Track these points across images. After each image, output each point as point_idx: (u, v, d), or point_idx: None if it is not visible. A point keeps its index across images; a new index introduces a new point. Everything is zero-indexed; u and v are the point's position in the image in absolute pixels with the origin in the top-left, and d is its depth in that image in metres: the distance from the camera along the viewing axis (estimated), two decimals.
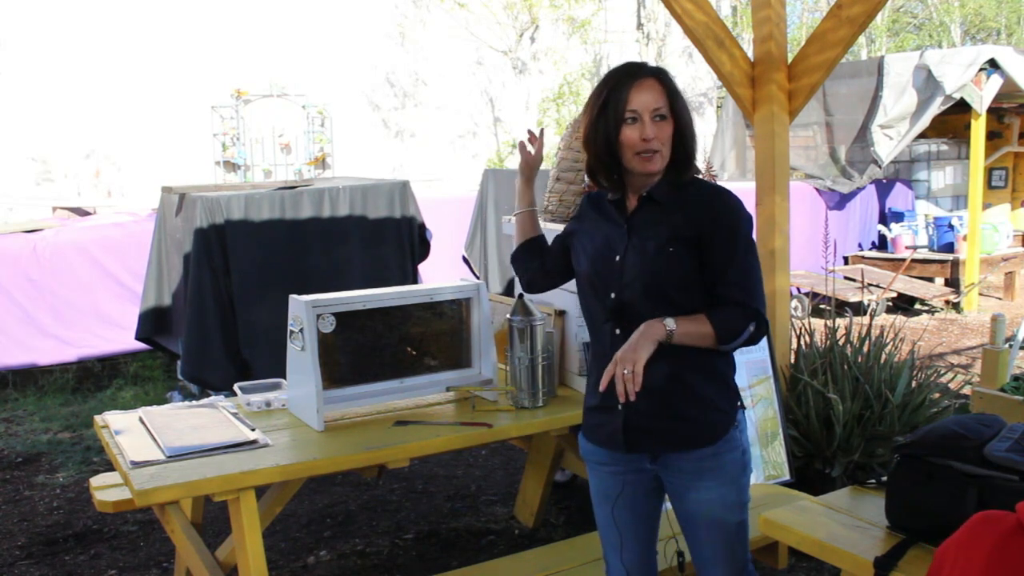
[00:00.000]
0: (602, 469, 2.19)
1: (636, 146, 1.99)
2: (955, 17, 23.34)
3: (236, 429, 2.68)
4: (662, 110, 1.99)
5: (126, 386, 6.27)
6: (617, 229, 2.10)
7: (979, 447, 1.89)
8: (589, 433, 2.20)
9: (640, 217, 2.08)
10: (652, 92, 1.99)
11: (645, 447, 2.10)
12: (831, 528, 2.06)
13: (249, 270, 5.07)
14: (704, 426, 2.07)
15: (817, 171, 8.97)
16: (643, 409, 2.04)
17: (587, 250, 2.16)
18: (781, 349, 3.69)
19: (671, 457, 2.09)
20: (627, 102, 1.97)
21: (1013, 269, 8.93)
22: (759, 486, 3.24)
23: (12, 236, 6.07)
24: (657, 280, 2.02)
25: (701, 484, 2.08)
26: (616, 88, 1.99)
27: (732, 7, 17.57)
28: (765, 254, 3.84)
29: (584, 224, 2.22)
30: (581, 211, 2.26)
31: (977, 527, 1.28)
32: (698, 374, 2.06)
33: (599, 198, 2.20)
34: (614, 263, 2.07)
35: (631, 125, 1.98)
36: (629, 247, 2.06)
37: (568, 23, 13.39)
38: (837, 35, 3.57)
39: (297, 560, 3.59)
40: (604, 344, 2.10)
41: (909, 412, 3.57)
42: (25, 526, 4.03)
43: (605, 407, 2.10)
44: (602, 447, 2.16)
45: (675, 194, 2.06)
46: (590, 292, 2.14)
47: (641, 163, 2.00)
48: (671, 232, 2.02)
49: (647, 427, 2.07)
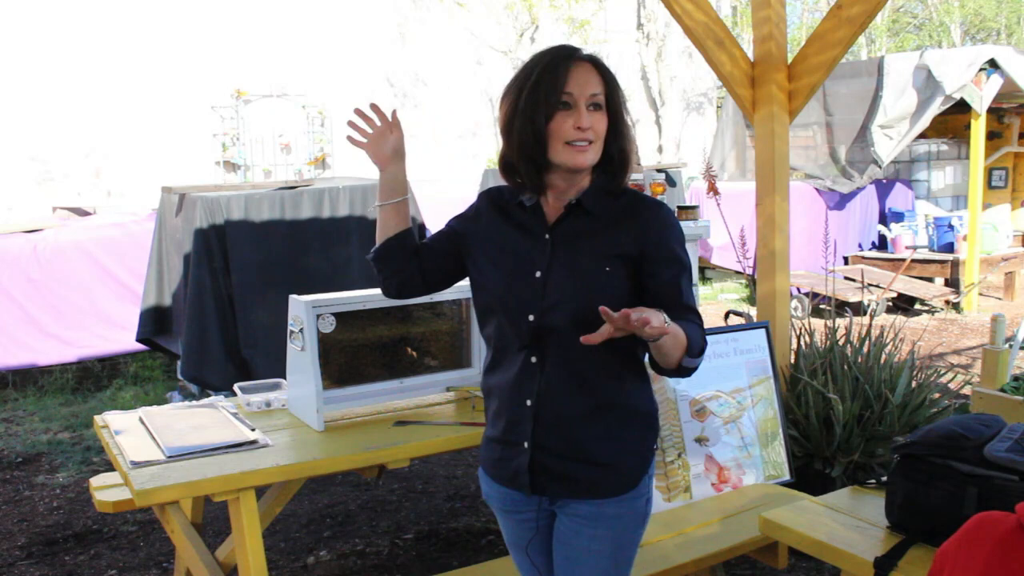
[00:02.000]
0: (510, 517, 1.92)
1: (568, 134, 1.71)
2: (955, 17, 23.34)
3: (236, 429, 2.68)
4: (599, 98, 1.73)
5: (126, 386, 6.27)
6: (535, 240, 1.79)
7: (979, 447, 1.89)
8: (491, 467, 1.89)
9: (566, 228, 1.79)
10: (590, 77, 1.73)
11: (548, 491, 1.82)
12: (831, 528, 2.06)
13: (249, 270, 5.07)
14: (616, 474, 1.79)
15: (817, 171, 8.97)
16: (552, 448, 1.78)
17: (495, 261, 1.83)
18: (781, 349, 3.69)
19: (571, 501, 1.81)
20: (564, 84, 1.70)
21: (1013, 269, 8.93)
22: (759, 486, 3.24)
23: (12, 236, 6.07)
24: (589, 303, 1.66)
25: (595, 532, 1.80)
26: (550, 69, 1.71)
27: (732, 7, 17.58)
28: (765, 254, 3.84)
29: (484, 228, 1.87)
30: (478, 211, 1.91)
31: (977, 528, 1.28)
32: (619, 411, 1.80)
33: (503, 199, 1.88)
34: (533, 280, 1.76)
35: (564, 111, 1.71)
36: (554, 263, 1.76)
37: (568, 23, 13.39)
38: (837, 35, 3.57)
39: (297, 560, 3.59)
40: (511, 373, 1.80)
41: (909, 412, 3.57)
42: (25, 526, 4.03)
43: (509, 442, 1.83)
44: (505, 487, 1.86)
45: (608, 204, 1.79)
46: (500, 311, 1.80)
47: (571, 155, 1.72)
48: (608, 248, 1.75)
49: (554, 469, 1.79)
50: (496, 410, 1.86)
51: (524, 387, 1.78)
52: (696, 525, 2.92)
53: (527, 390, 1.78)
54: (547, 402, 1.77)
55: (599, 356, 1.73)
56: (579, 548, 1.81)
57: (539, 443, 1.78)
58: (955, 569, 1.25)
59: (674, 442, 3.16)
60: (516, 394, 1.79)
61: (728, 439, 3.26)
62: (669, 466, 3.13)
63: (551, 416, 1.77)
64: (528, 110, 1.72)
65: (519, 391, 1.78)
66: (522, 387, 1.78)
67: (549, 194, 1.81)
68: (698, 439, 3.21)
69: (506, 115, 1.77)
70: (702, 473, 3.18)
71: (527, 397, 1.78)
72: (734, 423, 3.29)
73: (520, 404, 1.79)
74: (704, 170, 4.38)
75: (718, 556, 2.75)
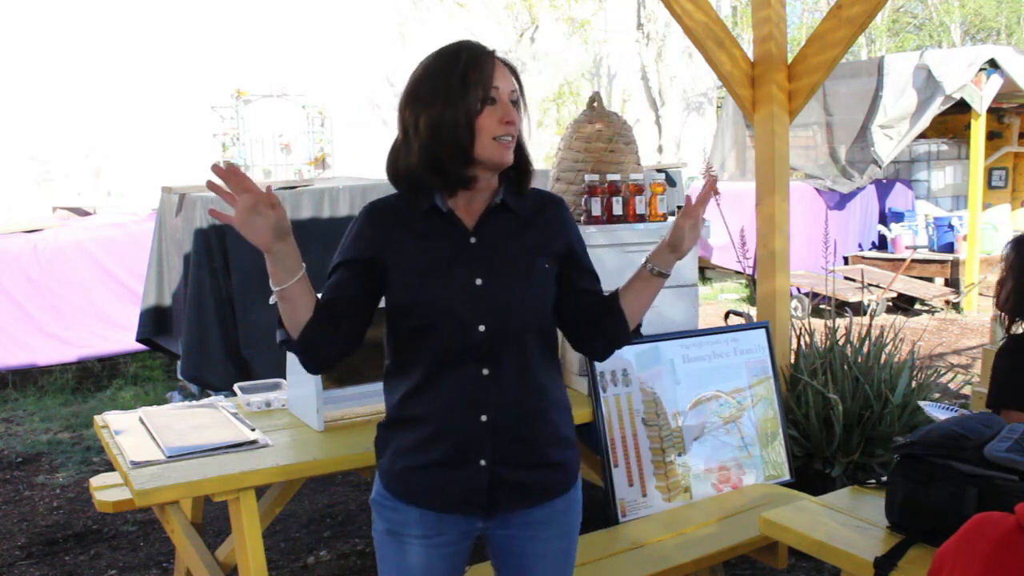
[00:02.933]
0: (418, 543, 1.72)
1: (495, 129, 1.63)
2: (955, 17, 23.35)
3: (236, 429, 2.68)
4: (516, 95, 1.68)
5: (126, 386, 6.27)
6: (459, 246, 1.69)
7: (979, 447, 1.89)
8: (428, 497, 1.70)
9: (491, 229, 1.72)
10: (507, 74, 1.67)
11: (502, 506, 1.71)
12: (831, 528, 2.06)
13: (249, 270, 5.07)
14: (565, 471, 1.78)
15: (817, 171, 8.97)
16: (512, 459, 1.70)
17: (424, 276, 1.68)
18: (781, 349, 3.69)
19: (522, 511, 1.74)
20: (492, 77, 1.64)
21: None
22: (759, 486, 3.24)
23: (12, 236, 6.07)
24: (535, 303, 1.71)
25: (549, 534, 1.76)
26: (475, 63, 1.64)
27: (732, 7, 17.58)
28: (765, 254, 3.84)
29: (393, 246, 1.70)
30: (373, 231, 1.71)
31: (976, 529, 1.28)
32: (560, 408, 1.79)
33: (396, 212, 1.73)
34: (474, 288, 1.67)
35: (491, 106, 1.64)
36: (491, 267, 1.69)
37: (568, 23, 13.39)
38: (837, 35, 3.57)
39: (297, 560, 3.59)
40: (458, 392, 1.68)
41: (909, 412, 3.57)
42: (25, 526, 4.03)
43: (457, 464, 1.68)
44: (447, 513, 1.71)
45: (522, 202, 1.76)
46: (443, 328, 1.66)
47: (499, 151, 1.65)
48: (539, 245, 1.74)
49: (512, 481, 1.70)
50: (431, 436, 1.69)
51: (478, 402, 1.67)
52: (696, 525, 2.92)
53: (482, 405, 1.67)
54: (505, 413, 1.68)
55: (546, 354, 1.76)
56: (534, 555, 1.76)
57: (499, 458, 1.69)
58: (954, 570, 1.25)
59: (674, 442, 3.16)
60: (467, 412, 1.67)
61: (728, 439, 3.26)
62: (669, 466, 3.13)
63: (510, 427, 1.69)
64: (459, 105, 1.62)
65: (471, 408, 1.67)
66: (476, 403, 1.67)
67: (460, 197, 1.71)
68: (698, 439, 3.21)
69: (429, 115, 1.64)
70: (702, 473, 3.18)
71: (482, 412, 1.67)
72: (734, 423, 3.29)
73: (473, 421, 1.67)
74: (704, 170, 4.38)
75: (718, 556, 2.75)
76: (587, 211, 3.21)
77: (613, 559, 2.69)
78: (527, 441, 1.72)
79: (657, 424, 3.14)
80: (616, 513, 3.00)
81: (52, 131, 9.51)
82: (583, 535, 2.97)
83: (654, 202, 3.28)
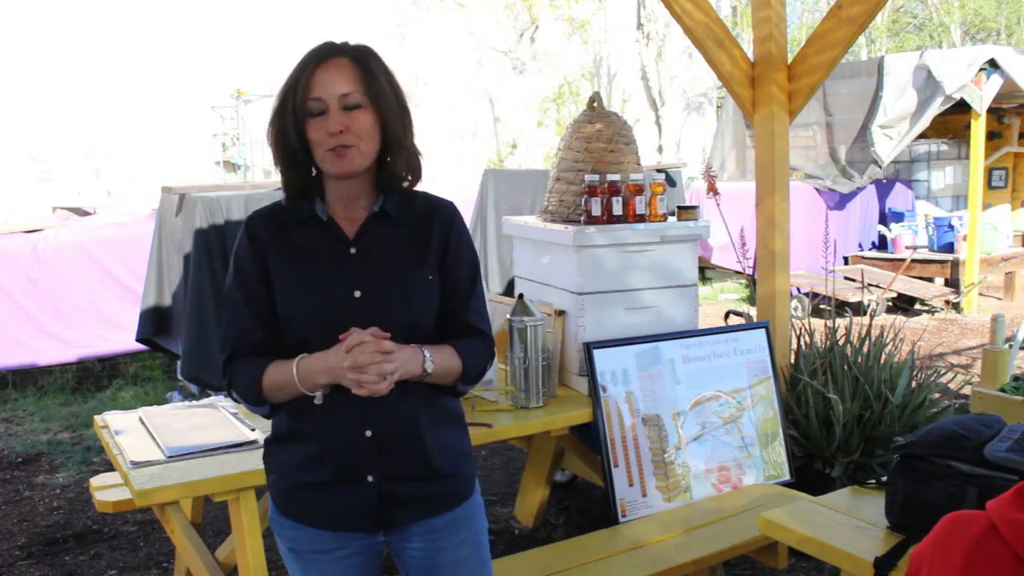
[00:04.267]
0: (322, 559, 1.70)
1: (323, 141, 1.59)
2: (955, 17, 23.35)
3: (236, 429, 2.68)
4: (353, 97, 1.59)
5: (126, 386, 6.27)
6: (339, 257, 1.65)
7: (979, 447, 1.89)
8: (313, 516, 1.68)
9: (371, 238, 1.66)
10: (341, 74, 1.59)
11: (397, 520, 1.69)
12: (831, 528, 2.06)
13: None
14: (461, 480, 1.75)
15: (817, 171, 8.97)
16: (402, 473, 1.66)
17: (302, 288, 1.63)
18: (781, 349, 3.69)
19: (425, 520, 1.71)
20: (309, 89, 1.58)
21: (1013, 269, 8.93)
22: (759, 486, 3.24)
23: (12, 236, 6.07)
24: (415, 317, 1.65)
25: (458, 539, 1.74)
26: (299, 73, 1.60)
27: (732, 7, 17.59)
28: (765, 254, 3.84)
29: (276, 257, 1.65)
30: (252, 240, 1.67)
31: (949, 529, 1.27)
32: (450, 417, 1.76)
33: (278, 221, 1.68)
34: (353, 301, 1.62)
35: (318, 117, 1.59)
36: (370, 278, 1.64)
37: (568, 23, 13.39)
38: (837, 35, 3.57)
39: None
40: (348, 405, 1.62)
41: (909, 412, 3.57)
42: (25, 526, 4.03)
43: (341, 481, 1.65)
44: (332, 530, 1.68)
45: (409, 208, 1.70)
46: (320, 343, 1.60)
47: (333, 162, 1.59)
48: (420, 256, 1.68)
49: (408, 495, 1.67)
50: (317, 453, 1.65)
51: (363, 418, 1.63)
52: (696, 525, 2.92)
53: (367, 420, 1.63)
54: (392, 428, 1.65)
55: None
56: (447, 563, 1.73)
57: (387, 473, 1.65)
58: (932, 571, 1.25)
59: (674, 442, 3.16)
60: (351, 428, 1.63)
61: (728, 439, 3.26)
62: (669, 466, 3.13)
63: (398, 441, 1.65)
64: (285, 120, 1.60)
65: (356, 424, 1.63)
66: (360, 419, 1.62)
67: (337, 206, 1.67)
68: (698, 439, 3.21)
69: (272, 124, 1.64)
70: (702, 473, 3.18)
71: (367, 428, 1.63)
72: (734, 423, 3.29)
73: (358, 438, 1.63)
74: (704, 170, 4.37)
75: (718, 556, 2.75)
76: (587, 211, 3.21)
77: (613, 559, 2.69)
78: (416, 455, 1.67)
79: (657, 424, 3.14)
80: (616, 513, 3.00)
81: (52, 131, 9.52)
82: (583, 535, 2.98)
83: (654, 202, 3.28)
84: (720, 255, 8.83)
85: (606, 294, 3.19)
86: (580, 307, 3.15)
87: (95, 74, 9.59)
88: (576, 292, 3.16)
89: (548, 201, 3.45)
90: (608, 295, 3.19)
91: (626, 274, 3.22)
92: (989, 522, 1.22)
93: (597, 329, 3.17)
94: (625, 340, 3.16)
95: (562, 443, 3.43)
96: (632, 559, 2.69)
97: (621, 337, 3.17)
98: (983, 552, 1.20)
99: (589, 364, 3.07)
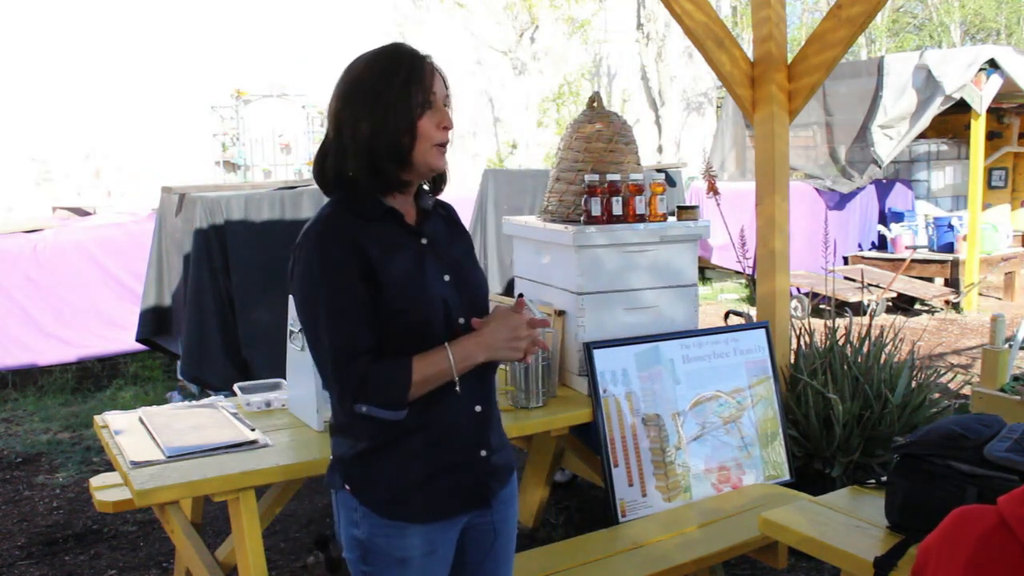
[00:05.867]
0: (427, 562, 1.71)
1: (434, 136, 1.66)
2: (955, 17, 23.36)
3: (236, 429, 2.68)
4: (449, 100, 1.70)
5: (126, 386, 6.27)
6: (413, 246, 1.70)
7: (979, 447, 1.89)
8: (436, 506, 1.69)
9: (430, 229, 1.75)
10: (441, 77, 1.70)
11: (495, 489, 1.78)
12: (831, 528, 2.06)
13: (249, 270, 5.07)
14: (511, 449, 1.91)
15: (817, 171, 8.97)
16: (496, 444, 1.78)
17: (406, 277, 1.66)
18: (781, 349, 3.69)
19: (503, 488, 1.81)
20: (431, 83, 1.65)
21: (1013, 269, 8.93)
22: (759, 486, 3.24)
23: (12, 236, 6.07)
24: (484, 296, 1.80)
25: (513, 510, 1.87)
26: (414, 68, 1.64)
27: (732, 7, 17.59)
28: (765, 254, 3.84)
29: (376, 254, 1.64)
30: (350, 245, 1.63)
31: (958, 523, 1.28)
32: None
33: (356, 217, 1.67)
34: (445, 284, 1.70)
35: (431, 111, 1.65)
36: (449, 265, 1.73)
37: (568, 23, 13.39)
38: (837, 35, 3.57)
39: (297, 560, 3.59)
40: (454, 388, 1.67)
41: (909, 412, 3.57)
42: (25, 526, 4.03)
43: (461, 464, 1.72)
44: (450, 518, 1.72)
45: (438, 206, 1.83)
46: (432, 324, 1.66)
47: (437, 157, 1.68)
48: (467, 246, 1.83)
49: (499, 464, 1.79)
50: (434, 440, 1.68)
51: (473, 394, 1.70)
52: (696, 525, 2.92)
53: (476, 396, 1.72)
54: (489, 401, 1.77)
55: None
56: (508, 533, 1.85)
57: (492, 446, 1.77)
58: (939, 566, 1.25)
59: (674, 442, 3.16)
60: (464, 407, 1.70)
61: (728, 439, 3.26)
62: (669, 466, 3.13)
63: (493, 413, 1.79)
64: (402, 111, 1.62)
65: (468, 401, 1.70)
66: (472, 395, 1.70)
67: (396, 200, 1.72)
68: (698, 439, 3.21)
69: (370, 123, 1.62)
70: (702, 473, 3.18)
71: (476, 404, 1.72)
72: (734, 423, 3.29)
73: (469, 414, 1.72)
74: (704, 170, 4.37)
75: (718, 556, 2.75)
76: (587, 211, 3.21)
77: (613, 559, 2.69)
78: (499, 425, 1.83)
79: (657, 424, 3.14)
80: (616, 513, 3.00)
81: (52, 131, 9.51)
82: (583, 535, 2.98)
83: (654, 202, 3.28)
84: (720, 255, 8.83)
85: (606, 294, 3.19)
86: (580, 307, 3.15)
87: (95, 74, 9.59)
88: (576, 292, 3.16)
89: (548, 201, 3.45)
90: (608, 295, 3.19)
91: (626, 274, 3.22)
92: (999, 517, 1.22)
93: (597, 329, 3.17)
94: (625, 340, 3.17)
95: (562, 443, 3.43)
96: (632, 559, 2.69)
97: (621, 337, 3.17)
98: (992, 547, 1.20)
99: (589, 364, 3.07)
